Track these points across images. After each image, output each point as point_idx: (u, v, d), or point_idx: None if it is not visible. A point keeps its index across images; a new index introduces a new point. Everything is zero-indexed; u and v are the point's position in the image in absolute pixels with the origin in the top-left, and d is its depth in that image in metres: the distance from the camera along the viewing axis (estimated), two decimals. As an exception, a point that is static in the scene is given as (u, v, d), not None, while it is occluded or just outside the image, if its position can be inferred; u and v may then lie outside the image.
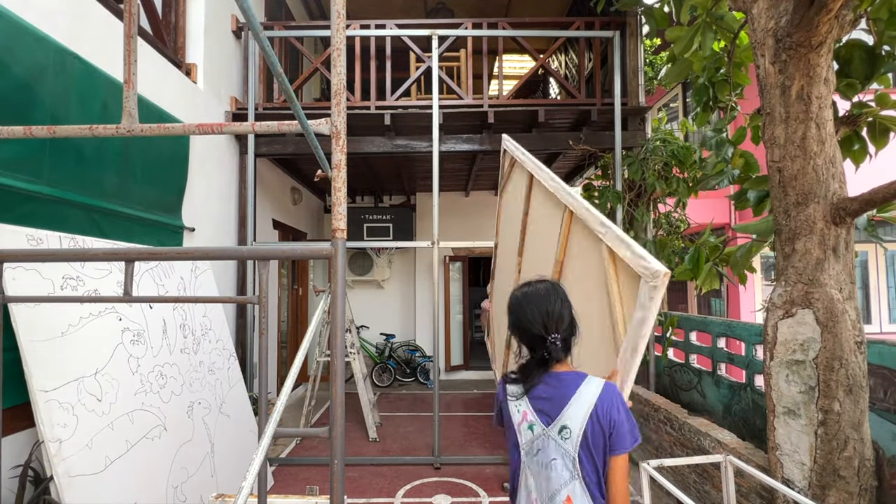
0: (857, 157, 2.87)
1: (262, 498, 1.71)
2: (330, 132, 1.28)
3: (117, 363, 2.55)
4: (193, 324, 3.34)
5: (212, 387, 3.35)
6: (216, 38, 4.53)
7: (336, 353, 1.26)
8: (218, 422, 3.31)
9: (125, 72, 1.32)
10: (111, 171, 3.02)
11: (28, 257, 1.62)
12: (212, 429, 3.21)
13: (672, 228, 5.26)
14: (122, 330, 2.67)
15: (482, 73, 5.03)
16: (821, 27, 2.21)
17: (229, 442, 3.36)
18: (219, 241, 4.45)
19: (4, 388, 2.07)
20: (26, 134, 1.34)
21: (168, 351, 2.99)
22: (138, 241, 3.26)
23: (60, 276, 2.37)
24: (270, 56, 1.27)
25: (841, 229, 2.34)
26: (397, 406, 6.34)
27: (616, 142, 4.56)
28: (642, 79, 4.90)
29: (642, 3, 4.07)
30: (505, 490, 3.69)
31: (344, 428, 1.26)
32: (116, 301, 1.68)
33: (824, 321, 2.27)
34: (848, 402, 2.23)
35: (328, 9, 4.17)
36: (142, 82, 3.18)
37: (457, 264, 8.21)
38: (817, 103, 2.35)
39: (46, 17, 2.57)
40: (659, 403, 3.88)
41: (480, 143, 4.91)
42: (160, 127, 1.32)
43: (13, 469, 2.21)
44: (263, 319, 1.63)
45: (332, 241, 1.27)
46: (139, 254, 1.40)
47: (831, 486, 2.24)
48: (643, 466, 2.35)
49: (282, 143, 4.81)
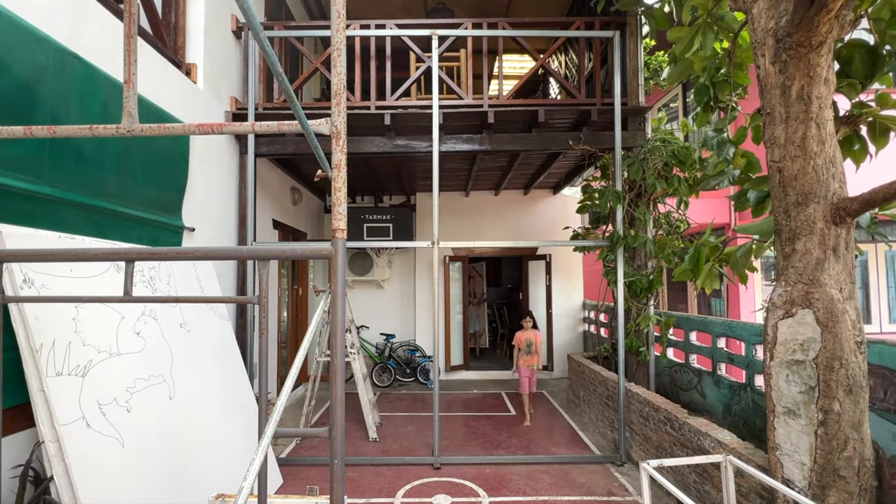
0: (858, 156, 2.87)
1: (263, 498, 1.71)
2: (330, 132, 1.28)
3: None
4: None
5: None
6: (216, 38, 4.53)
7: (336, 353, 1.26)
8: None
9: (125, 72, 1.32)
10: (111, 171, 3.02)
11: (28, 257, 1.62)
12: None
13: (672, 228, 5.26)
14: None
15: (482, 73, 5.03)
16: (821, 27, 2.21)
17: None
18: (219, 241, 4.44)
19: (4, 389, 2.07)
20: (26, 134, 1.34)
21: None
22: (138, 241, 3.26)
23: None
24: (270, 56, 1.27)
25: (841, 229, 2.33)
26: (397, 406, 6.34)
27: (616, 142, 4.56)
28: (642, 79, 4.90)
29: (642, 3, 4.07)
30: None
31: (344, 428, 1.26)
32: (116, 301, 1.68)
33: (824, 321, 2.27)
34: (848, 402, 2.23)
35: (328, 9, 4.17)
36: (142, 82, 3.18)
37: (457, 264, 8.20)
38: (817, 103, 2.35)
39: (47, 17, 2.57)
40: (659, 403, 3.87)
41: (480, 143, 4.90)
42: (160, 127, 1.32)
43: (13, 469, 2.21)
44: (263, 319, 1.63)
45: (332, 241, 1.28)
46: (139, 254, 1.40)
47: (831, 486, 2.24)
48: (643, 466, 2.35)
49: (282, 143, 4.81)
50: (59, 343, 2.26)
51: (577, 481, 3.93)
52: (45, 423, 2.15)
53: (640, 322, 4.71)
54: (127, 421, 2.50)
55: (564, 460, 4.37)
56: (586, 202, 5.30)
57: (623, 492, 3.75)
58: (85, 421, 2.27)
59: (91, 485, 2.19)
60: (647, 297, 4.83)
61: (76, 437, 2.20)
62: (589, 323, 7.85)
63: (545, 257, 8.15)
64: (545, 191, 8.28)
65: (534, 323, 5.68)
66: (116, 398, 2.48)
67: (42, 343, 2.18)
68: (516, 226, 8.24)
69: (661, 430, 3.78)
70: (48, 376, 2.17)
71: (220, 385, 3.45)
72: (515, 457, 4.46)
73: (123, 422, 2.47)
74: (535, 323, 5.80)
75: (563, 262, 8.15)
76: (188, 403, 3.02)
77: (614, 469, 4.19)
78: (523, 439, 4.98)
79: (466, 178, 7.06)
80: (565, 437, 5.10)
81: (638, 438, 4.23)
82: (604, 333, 6.79)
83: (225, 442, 3.28)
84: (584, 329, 8.13)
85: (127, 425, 2.49)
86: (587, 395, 5.63)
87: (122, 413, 2.48)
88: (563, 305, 8.11)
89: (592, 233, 5.81)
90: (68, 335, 2.33)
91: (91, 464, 2.23)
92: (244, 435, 3.52)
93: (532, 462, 4.35)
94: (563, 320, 8.08)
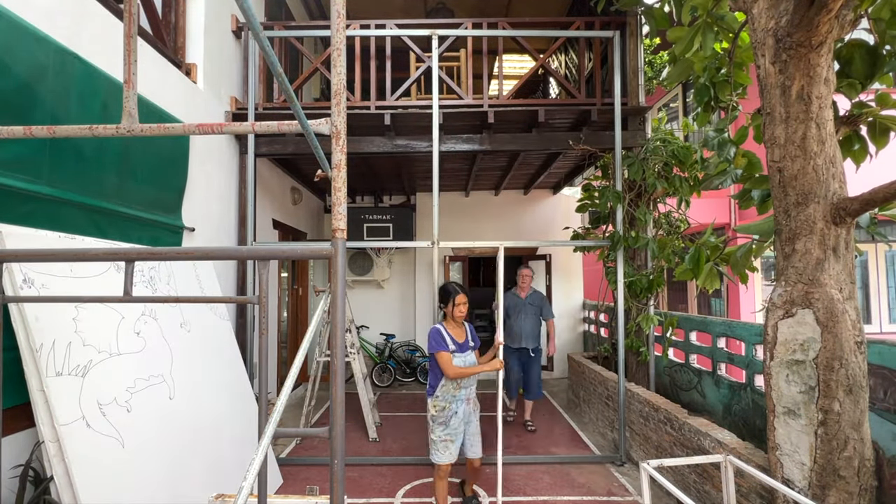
0: (858, 156, 2.87)
1: (263, 498, 1.71)
2: (330, 132, 1.28)
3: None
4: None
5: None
6: (216, 38, 4.53)
7: (336, 353, 1.26)
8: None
9: (125, 72, 1.32)
10: (111, 171, 3.02)
11: (28, 257, 1.62)
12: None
13: (672, 228, 5.26)
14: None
15: (482, 73, 5.03)
16: (821, 27, 2.21)
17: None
18: (218, 241, 4.44)
19: (4, 388, 2.07)
20: (26, 134, 1.34)
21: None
22: (138, 241, 3.26)
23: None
24: (270, 56, 1.27)
25: (841, 229, 2.33)
26: (397, 406, 6.33)
27: (616, 142, 4.55)
28: (642, 79, 4.90)
29: (642, 3, 4.07)
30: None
31: (344, 428, 1.26)
32: (116, 301, 1.68)
33: (824, 321, 2.27)
34: (848, 402, 2.23)
35: (328, 9, 4.16)
36: (142, 82, 3.18)
37: (457, 264, 8.21)
38: (817, 103, 2.35)
39: (47, 17, 2.57)
40: (659, 403, 3.87)
41: (480, 143, 4.90)
42: (160, 127, 1.32)
43: (13, 469, 2.21)
44: (263, 319, 1.63)
45: (332, 241, 1.27)
46: (139, 254, 1.40)
47: (831, 486, 2.23)
48: (643, 466, 2.35)
49: (282, 143, 4.81)
50: (59, 343, 2.26)
51: (577, 481, 3.93)
52: (45, 423, 2.15)
53: (641, 322, 4.71)
54: (127, 421, 2.50)
55: (564, 460, 4.37)
56: (585, 201, 5.30)
57: (623, 492, 3.75)
58: (85, 421, 2.27)
59: (91, 485, 2.19)
60: (647, 298, 4.83)
61: (76, 437, 2.20)
62: (589, 323, 7.84)
63: (545, 257, 8.15)
64: (545, 191, 8.28)
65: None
66: (116, 398, 2.48)
67: (42, 343, 2.18)
68: (516, 226, 8.24)
69: (661, 430, 3.78)
70: (48, 376, 2.17)
71: (220, 385, 3.45)
72: (515, 457, 4.46)
73: (123, 422, 2.47)
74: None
75: (563, 263, 8.15)
76: (188, 403, 3.02)
77: (614, 469, 4.18)
78: (523, 439, 4.98)
79: (466, 177, 7.06)
80: (565, 437, 5.10)
81: (638, 438, 4.23)
82: (604, 333, 6.79)
83: (224, 442, 3.28)
84: (584, 329, 8.13)
85: (127, 425, 2.49)
86: (587, 395, 5.63)
87: (122, 413, 2.48)
88: (564, 305, 8.11)
89: (592, 233, 5.81)
90: (68, 335, 2.33)
91: (91, 464, 2.23)
92: (243, 435, 3.52)
93: (532, 462, 4.35)
94: (564, 320, 8.08)
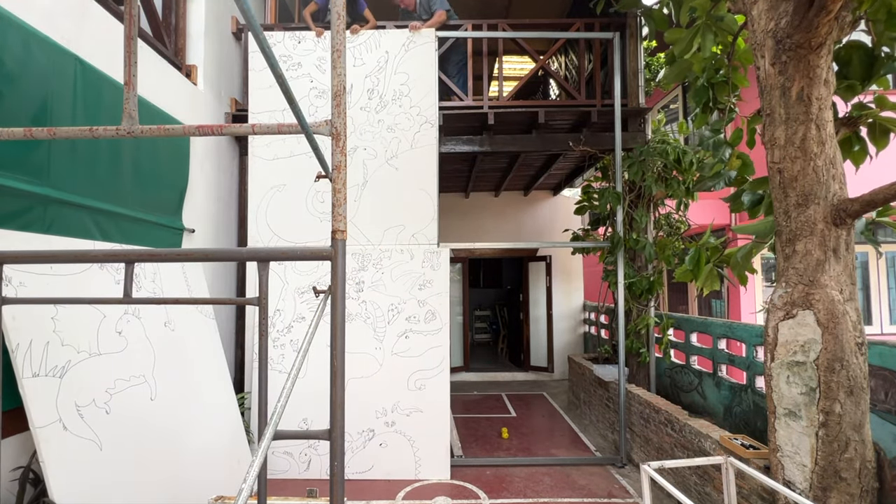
0: (858, 158, 2.87)
1: (262, 499, 1.70)
2: (330, 133, 1.28)
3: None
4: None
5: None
6: (216, 40, 4.54)
7: (336, 354, 1.26)
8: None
9: (125, 73, 1.32)
10: (112, 172, 3.02)
11: (28, 258, 1.62)
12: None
13: (672, 230, 5.26)
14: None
15: (482, 75, 5.04)
16: (820, 28, 2.21)
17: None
18: (218, 243, 4.45)
19: (4, 391, 2.06)
20: (27, 135, 1.34)
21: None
22: (138, 242, 3.25)
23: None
24: (271, 57, 1.28)
25: (841, 230, 2.33)
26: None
27: (616, 143, 4.56)
28: (642, 80, 4.90)
29: (642, 5, 4.08)
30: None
31: (344, 429, 1.26)
32: (116, 302, 1.68)
33: (825, 322, 2.26)
34: (849, 403, 2.23)
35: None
36: (142, 84, 3.18)
37: (457, 265, 8.20)
38: (817, 104, 2.35)
39: (47, 18, 2.57)
40: (659, 405, 3.87)
41: (480, 144, 4.90)
42: (160, 128, 1.32)
43: (13, 471, 2.20)
44: (264, 321, 1.63)
45: (333, 241, 1.27)
46: (139, 255, 1.40)
47: (832, 488, 2.23)
48: (644, 468, 2.34)
49: (282, 145, 4.80)
50: (36, 343, 2.19)
51: (577, 483, 3.93)
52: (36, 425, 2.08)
53: (640, 323, 4.71)
54: (105, 423, 2.42)
55: (565, 462, 4.37)
56: (584, 202, 5.30)
57: (624, 494, 3.75)
58: (62, 423, 2.19)
59: (66, 488, 2.11)
60: (647, 299, 4.83)
61: (53, 440, 2.12)
62: (589, 324, 7.84)
63: (545, 258, 8.14)
64: (545, 192, 8.29)
65: None
66: (95, 399, 2.40)
67: (19, 343, 2.11)
68: (516, 227, 8.23)
69: (661, 431, 3.78)
70: (25, 377, 2.10)
71: (202, 386, 3.35)
72: (516, 458, 4.45)
73: (102, 424, 2.39)
74: None
75: (563, 264, 8.15)
76: (169, 404, 2.93)
77: (615, 471, 4.18)
78: (524, 441, 4.97)
79: (466, 179, 7.06)
80: (566, 438, 5.09)
81: (639, 440, 4.22)
82: (604, 335, 6.78)
83: (206, 443, 3.19)
84: (584, 330, 8.12)
85: (105, 427, 2.41)
86: (587, 396, 5.62)
87: (100, 415, 2.41)
88: (564, 307, 8.10)
89: (592, 234, 5.81)
90: (46, 335, 2.25)
91: (67, 467, 2.15)
92: (224, 436, 3.43)
93: (532, 464, 4.34)
94: (564, 322, 8.07)
